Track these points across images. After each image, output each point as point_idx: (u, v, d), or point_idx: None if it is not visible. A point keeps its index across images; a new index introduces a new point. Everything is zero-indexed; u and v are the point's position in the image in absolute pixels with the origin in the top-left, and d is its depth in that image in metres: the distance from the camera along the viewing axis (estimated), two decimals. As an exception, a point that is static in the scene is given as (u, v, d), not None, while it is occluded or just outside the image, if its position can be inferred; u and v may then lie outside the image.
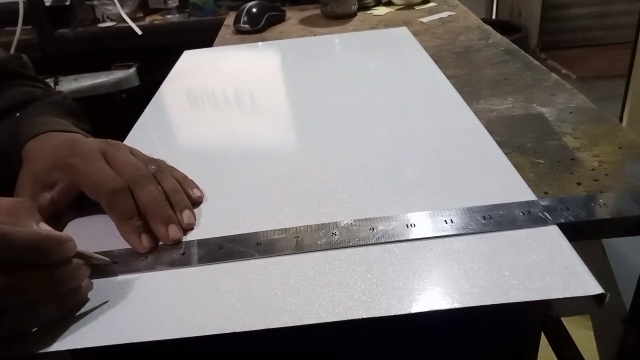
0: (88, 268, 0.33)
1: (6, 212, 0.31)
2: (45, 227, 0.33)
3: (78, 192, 0.41)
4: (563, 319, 0.82)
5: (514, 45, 0.81)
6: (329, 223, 0.38)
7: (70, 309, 0.32)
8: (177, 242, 0.38)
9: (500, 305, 0.30)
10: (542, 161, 0.48)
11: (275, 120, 0.60)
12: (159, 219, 0.39)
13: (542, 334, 0.76)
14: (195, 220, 0.41)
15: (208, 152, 0.53)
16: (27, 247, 0.29)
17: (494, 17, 2.84)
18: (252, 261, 0.35)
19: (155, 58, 1.06)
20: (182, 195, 0.42)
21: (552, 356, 0.74)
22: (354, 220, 0.38)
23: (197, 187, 0.44)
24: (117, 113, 1.32)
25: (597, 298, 0.30)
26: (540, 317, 0.43)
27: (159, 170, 0.42)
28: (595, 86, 2.43)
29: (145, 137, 0.58)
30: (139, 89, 1.46)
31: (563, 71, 2.60)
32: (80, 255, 0.33)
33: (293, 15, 1.18)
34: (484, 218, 0.37)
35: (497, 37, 0.87)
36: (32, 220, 0.32)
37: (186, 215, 0.40)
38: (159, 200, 0.40)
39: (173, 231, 0.38)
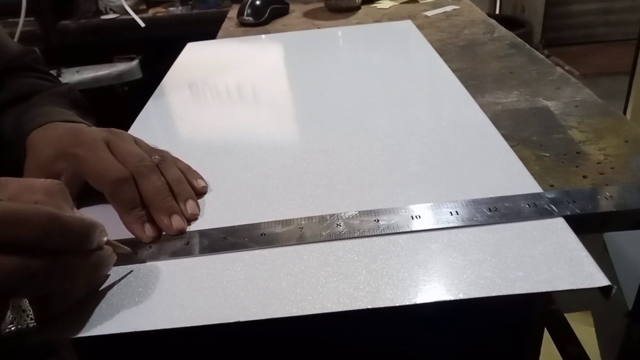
0: (115, 256, 0.33)
1: (44, 192, 0.31)
2: (78, 213, 0.33)
3: (83, 182, 0.41)
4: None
5: (519, 39, 0.81)
6: (333, 214, 0.38)
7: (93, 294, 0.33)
8: (181, 233, 0.38)
9: (504, 297, 0.30)
10: (548, 154, 0.48)
11: (279, 112, 0.60)
12: (161, 210, 0.38)
13: (545, 330, 0.76)
14: (199, 210, 0.40)
15: (211, 144, 0.53)
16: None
17: (497, 12, 2.83)
18: (256, 252, 0.35)
19: (158, 50, 1.06)
20: (186, 186, 0.42)
21: (555, 352, 0.74)
22: (359, 212, 0.38)
23: (202, 178, 0.44)
24: (119, 105, 1.32)
25: (604, 290, 0.30)
26: (541, 308, 0.43)
27: (162, 161, 0.42)
28: (598, 83, 2.42)
29: (148, 129, 0.57)
30: (141, 81, 1.46)
31: (566, 67, 2.58)
32: (109, 243, 0.33)
33: (297, 8, 1.17)
34: (490, 210, 0.37)
35: (501, 31, 0.87)
36: (67, 205, 0.32)
37: (190, 206, 0.40)
38: (161, 192, 0.39)
39: (176, 221, 0.38)
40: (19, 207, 0.27)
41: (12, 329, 0.29)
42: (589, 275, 0.30)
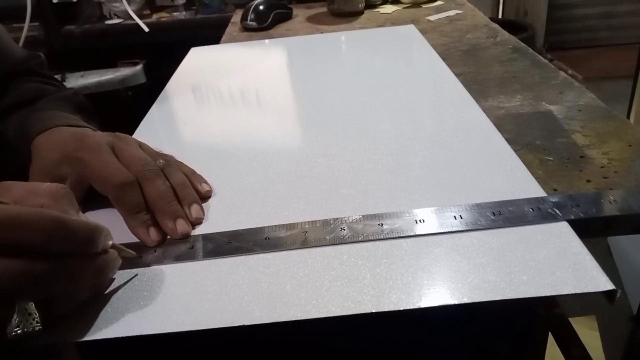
0: (120, 259, 0.33)
1: (49, 196, 0.31)
2: (83, 216, 0.33)
3: (88, 186, 0.41)
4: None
5: (522, 44, 0.81)
6: (337, 218, 0.38)
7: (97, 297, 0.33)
8: (186, 236, 0.38)
9: (507, 301, 0.30)
10: (551, 158, 0.48)
11: (283, 116, 0.60)
12: (166, 214, 0.39)
13: (550, 334, 0.75)
14: (204, 214, 0.41)
15: (215, 148, 0.53)
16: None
17: (500, 16, 2.83)
18: (260, 255, 0.35)
19: (162, 55, 1.06)
20: (190, 190, 0.42)
21: (559, 356, 0.74)
22: (362, 216, 0.38)
23: (206, 182, 0.44)
24: (123, 110, 1.32)
25: (608, 294, 0.30)
26: (545, 312, 0.43)
27: (167, 165, 0.42)
28: (601, 87, 2.42)
29: (152, 133, 0.58)
30: (145, 86, 1.46)
31: (569, 71, 2.58)
32: (114, 247, 0.33)
33: (300, 12, 1.18)
34: (494, 214, 0.37)
35: (504, 35, 0.87)
36: (72, 208, 0.32)
37: (194, 210, 0.40)
38: (166, 196, 0.40)
39: (181, 225, 0.38)
40: (23, 210, 0.27)
41: (18, 332, 0.29)
42: (593, 279, 0.30)
